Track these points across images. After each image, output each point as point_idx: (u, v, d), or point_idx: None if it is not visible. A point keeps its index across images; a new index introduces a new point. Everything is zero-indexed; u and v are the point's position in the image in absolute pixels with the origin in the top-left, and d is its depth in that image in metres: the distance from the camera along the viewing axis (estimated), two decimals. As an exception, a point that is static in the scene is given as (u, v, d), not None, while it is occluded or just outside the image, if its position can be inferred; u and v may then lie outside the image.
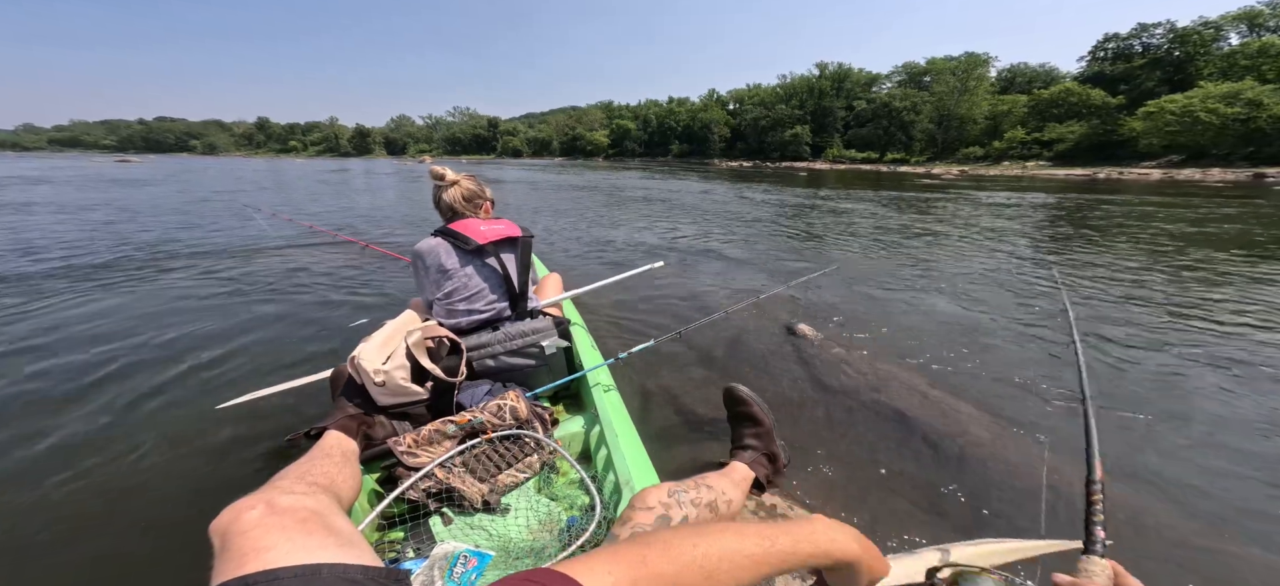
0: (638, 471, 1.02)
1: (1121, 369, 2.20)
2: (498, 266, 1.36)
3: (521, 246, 1.41)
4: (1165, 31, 39.90)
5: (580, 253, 5.24)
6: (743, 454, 1.22)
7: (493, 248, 1.36)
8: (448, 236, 1.36)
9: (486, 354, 1.27)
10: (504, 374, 1.30)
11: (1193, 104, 29.18)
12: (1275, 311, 3.05)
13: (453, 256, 1.34)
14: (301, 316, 2.87)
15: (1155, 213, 8.57)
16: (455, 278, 1.32)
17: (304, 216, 7.31)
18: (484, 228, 1.37)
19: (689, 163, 55.61)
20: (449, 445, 1.06)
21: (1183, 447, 1.61)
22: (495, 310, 1.34)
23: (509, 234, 1.39)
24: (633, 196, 11.85)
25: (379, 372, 1.07)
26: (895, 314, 2.99)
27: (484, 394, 1.22)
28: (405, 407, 1.14)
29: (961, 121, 47.39)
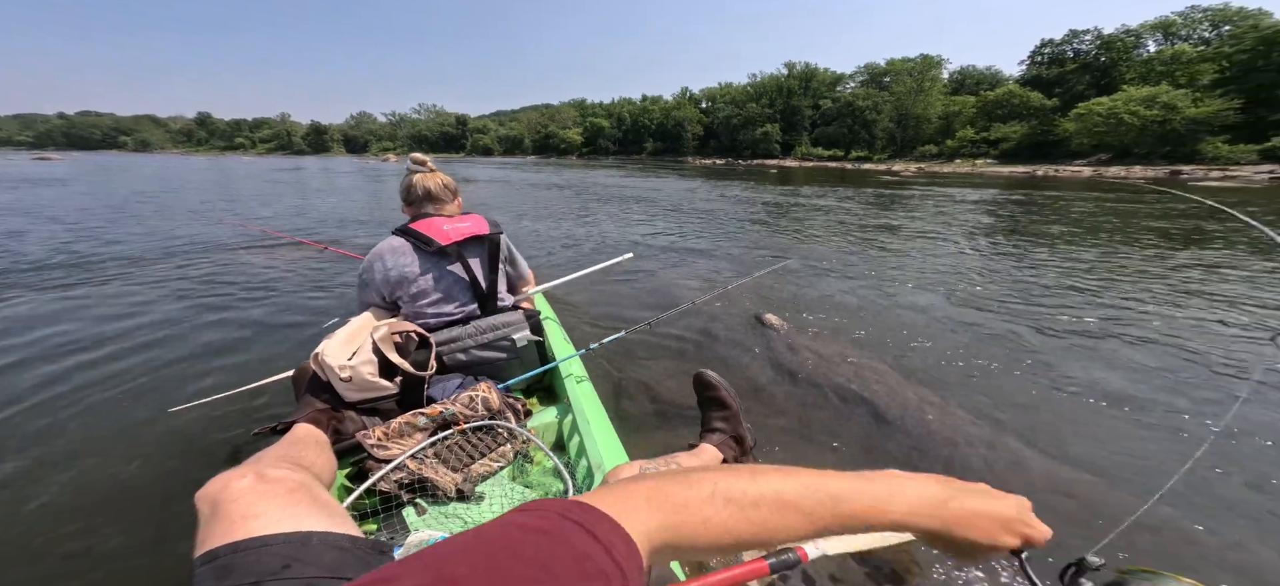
0: (609, 456, 1.05)
1: (1051, 335, 2.45)
2: (463, 271, 1.32)
3: (489, 245, 1.38)
4: (1093, 38, 43.70)
5: (553, 248, 5.23)
6: (711, 436, 1.27)
7: (456, 249, 1.32)
8: (409, 237, 1.31)
9: (457, 348, 1.27)
10: (475, 367, 1.30)
11: (1117, 106, 32.17)
12: (1154, 283, 3.47)
13: (415, 259, 1.30)
14: (254, 319, 2.75)
15: (1086, 206, 9.44)
16: (418, 281, 1.29)
17: (255, 220, 6.88)
18: (448, 227, 1.32)
19: (663, 161, 56.02)
20: (420, 437, 1.07)
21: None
22: (464, 313, 1.33)
23: (475, 232, 1.35)
24: (606, 194, 11.84)
25: (345, 369, 1.06)
26: (855, 304, 3.17)
27: (455, 387, 1.22)
28: (374, 403, 1.13)
29: (918, 121, 50.14)
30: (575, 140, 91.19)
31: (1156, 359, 2.27)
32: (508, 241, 1.47)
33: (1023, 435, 1.64)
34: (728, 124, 67.83)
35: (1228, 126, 29.26)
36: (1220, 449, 1.53)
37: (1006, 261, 4.43)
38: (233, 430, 1.57)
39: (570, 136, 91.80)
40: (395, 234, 1.33)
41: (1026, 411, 1.81)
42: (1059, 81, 43.27)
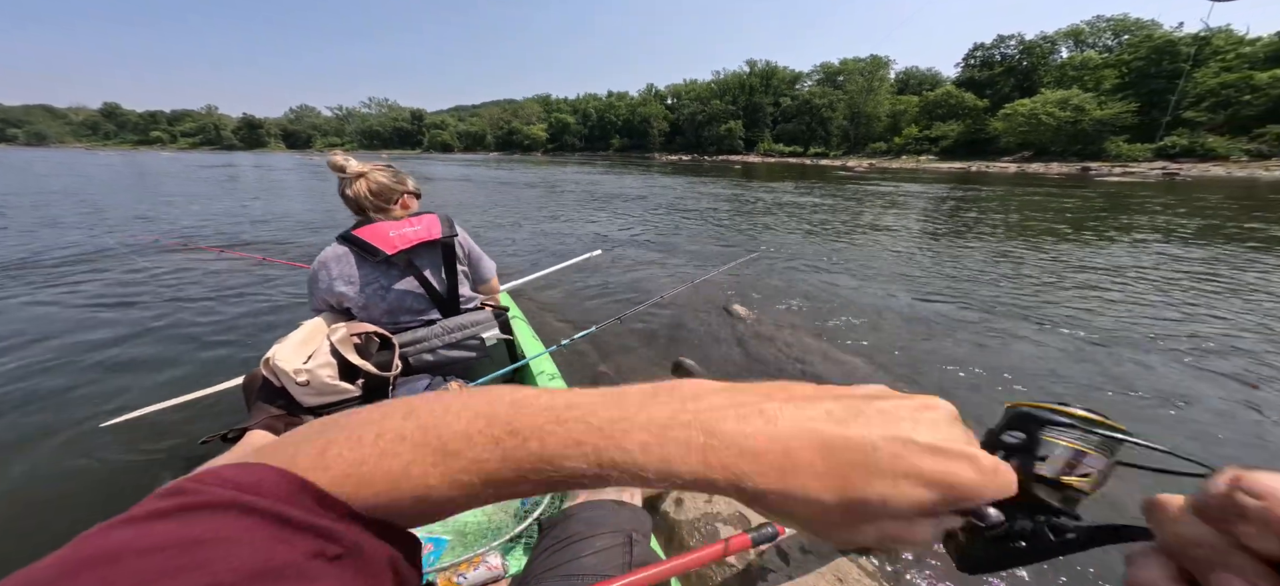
0: None
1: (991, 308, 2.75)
2: (414, 279, 1.23)
3: (444, 250, 1.28)
4: (1016, 43, 48.16)
5: (521, 246, 5.15)
6: None
7: (405, 257, 1.21)
8: (353, 244, 1.19)
9: (423, 348, 1.23)
10: (444, 367, 1.27)
11: (1036, 108, 35.73)
12: (1067, 271, 3.96)
13: (357, 270, 1.20)
14: (186, 332, 2.52)
15: (1012, 201, 10.45)
16: (364, 292, 1.20)
17: (178, 224, 6.23)
18: (394, 233, 1.21)
19: (630, 157, 56.05)
20: None
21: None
22: (420, 321, 1.26)
23: (427, 236, 1.24)
24: (574, 191, 11.73)
25: (301, 373, 1.01)
26: (816, 292, 3.37)
27: (423, 388, 1.20)
28: (334, 407, 1.09)
29: (869, 119, 53.27)
30: (540, 136, 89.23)
31: (1075, 344, 2.59)
32: (466, 241, 1.39)
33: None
34: (693, 120, 68.99)
35: (1127, 127, 33.33)
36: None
37: (945, 252, 4.86)
38: (174, 441, 1.45)
39: (535, 132, 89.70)
40: (339, 240, 1.22)
41: (966, 386, 2.03)
42: (989, 83, 47.39)
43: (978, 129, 42.03)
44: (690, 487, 0.20)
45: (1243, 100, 29.79)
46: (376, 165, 1.28)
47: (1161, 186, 15.19)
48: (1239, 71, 31.32)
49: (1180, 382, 2.02)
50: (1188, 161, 28.03)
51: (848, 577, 0.99)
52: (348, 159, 1.25)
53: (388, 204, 1.27)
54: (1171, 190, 13.22)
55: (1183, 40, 35.24)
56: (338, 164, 1.25)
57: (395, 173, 1.32)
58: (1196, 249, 4.77)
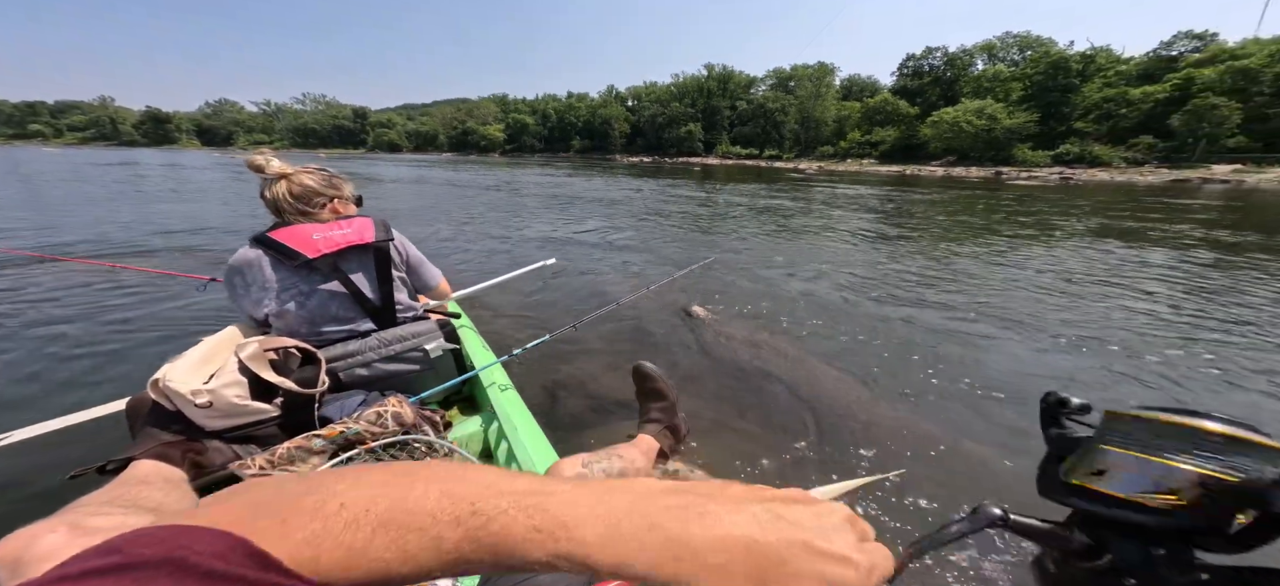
0: (542, 459, 1.05)
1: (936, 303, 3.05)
2: (339, 285, 1.15)
3: (377, 255, 1.19)
4: (941, 55, 53.20)
5: (474, 251, 5.02)
6: (649, 427, 1.30)
7: (329, 261, 1.12)
8: (269, 247, 1.09)
9: (356, 362, 1.15)
10: (381, 382, 1.19)
11: (958, 116, 39.70)
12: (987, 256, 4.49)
13: (273, 275, 1.10)
14: (59, 350, 2.24)
15: (941, 201, 11.56)
16: (281, 300, 1.10)
17: (52, 235, 5.41)
18: (319, 235, 1.11)
19: (591, 158, 55.60)
20: (318, 461, 0.97)
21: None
22: (347, 331, 1.17)
23: (357, 240, 1.15)
24: (535, 193, 11.50)
25: (201, 393, 0.92)
26: (773, 291, 3.56)
27: (357, 404, 1.12)
28: (248, 429, 1.00)
29: (818, 123, 56.62)
30: (497, 137, 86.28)
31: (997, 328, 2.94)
32: (404, 246, 1.29)
33: (901, 397, 2.02)
34: (653, 122, 69.86)
35: (1031, 135, 37.91)
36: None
37: (889, 251, 5.30)
38: (37, 476, 1.30)
39: (492, 133, 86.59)
40: (253, 243, 1.11)
41: (903, 380, 2.25)
42: (919, 92, 51.97)
43: (911, 135, 45.98)
44: (635, 580, 0.22)
45: (1120, 113, 34.94)
46: (307, 168, 1.19)
47: (1059, 189, 17.48)
48: (1117, 87, 36.70)
49: (1076, 361, 2.36)
50: (1080, 167, 32.39)
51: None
52: (269, 158, 1.15)
53: (312, 209, 1.18)
54: (1067, 192, 15.28)
55: (1073, 58, 40.61)
56: (256, 164, 1.15)
57: (329, 176, 1.22)
58: (1088, 247, 5.56)
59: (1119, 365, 2.34)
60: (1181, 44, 38.86)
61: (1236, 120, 29.38)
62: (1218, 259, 4.87)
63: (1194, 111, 30.34)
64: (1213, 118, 29.69)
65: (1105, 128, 35.88)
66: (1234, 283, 3.95)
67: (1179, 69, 35.07)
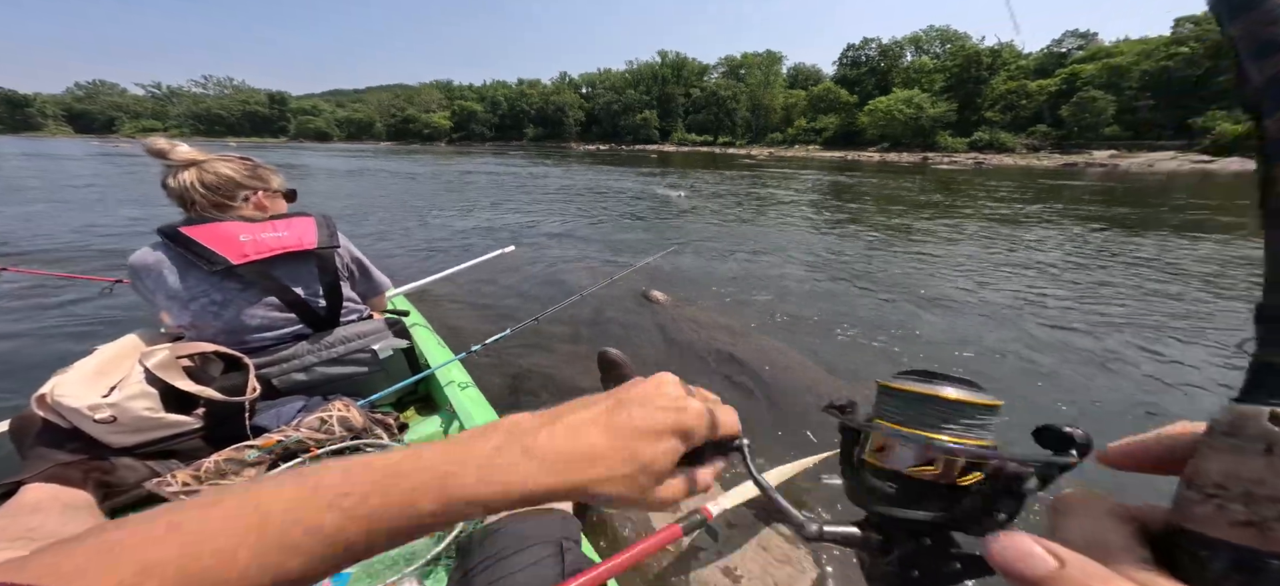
0: None
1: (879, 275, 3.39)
2: (274, 301, 1.04)
3: (321, 264, 1.10)
4: (876, 46, 57.01)
5: (423, 243, 4.82)
6: None
7: (259, 269, 1.00)
8: (179, 245, 0.96)
9: (294, 367, 1.07)
10: (324, 386, 1.11)
11: (891, 105, 43.00)
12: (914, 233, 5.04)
13: (182, 281, 0.97)
14: None
15: (877, 185, 12.56)
16: (192, 309, 0.99)
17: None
18: (246, 237, 0.99)
19: (545, 147, 53.78)
20: (255, 473, 0.93)
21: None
22: (277, 338, 1.07)
23: (296, 246, 1.05)
24: (485, 183, 11.05)
25: (101, 407, 0.84)
26: (729, 274, 3.74)
27: (297, 411, 1.05)
28: (166, 444, 0.94)
29: (767, 111, 58.81)
30: (442, 125, 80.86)
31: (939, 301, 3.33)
32: (350, 253, 1.19)
33: (849, 370, 2.28)
34: (609, 110, 68.88)
35: (950, 124, 41.97)
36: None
37: (834, 231, 5.75)
38: None
39: (437, 121, 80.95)
40: (162, 239, 0.97)
41: (852, 343, 2.52)
42: (857, 81, 55.49)
43: (850, 122, 49.13)
44: (529, 502, 0.24)
45: (1022, 104, 39.59)
46: (225, 156, 1.06)
47: (974, 172, 19.62)
48: (1018, 80, 41.44)
49: (982, 329, 2.76)
50: (991, 152, 36.42)
51: (770, 545, 1.11)
52: (175, 143, 1.02)
53: (229, 202, 1.03)
54: (981, 175, 17.19)
55: (984, 52, 45.19)
56: (158, 147, 1.01)
57: (254, 166, 1.10)
58: (997, 225, 6.38)
59: (1032, 328, 2.78)
60: (1069, 41, 44.58)
61: (1111, 112, 34.34)
62: (1098, 231, 5.82)
63: (1078, 103, 35.07)
64: (1093, 109, 34.50)
65: (1009, 117, 40.52)
66: (1109, 250, 4.75)
67: (1067, 65, 40.23)
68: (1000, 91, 41.80)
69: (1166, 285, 3.58)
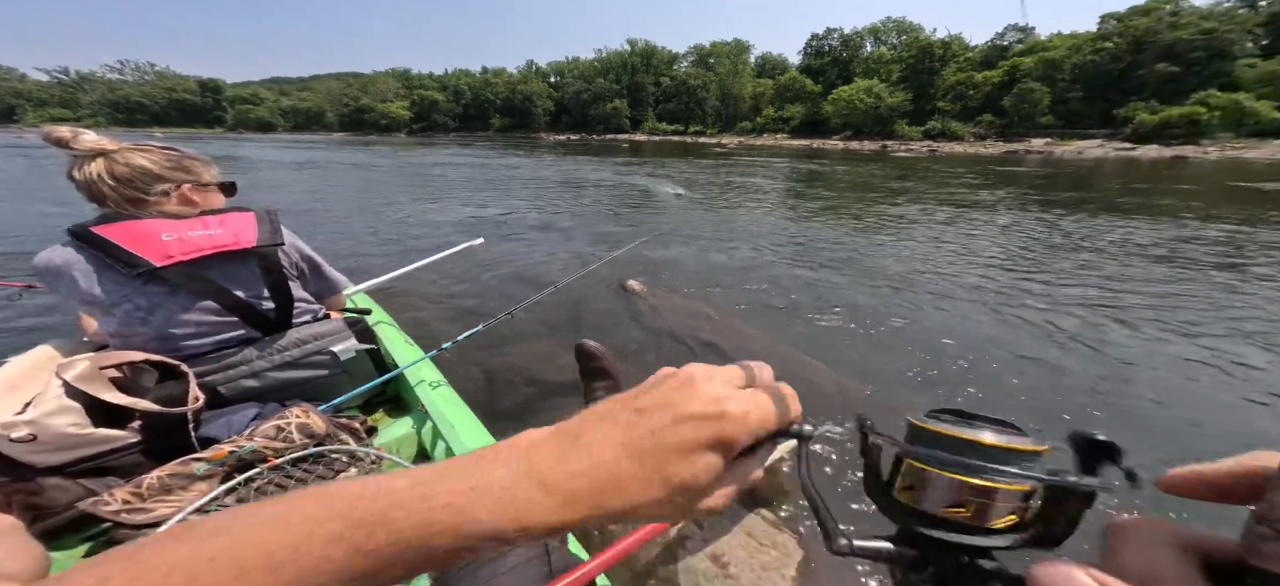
0: None
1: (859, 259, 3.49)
2: (211, 305, 0.95)
3: (263, 263, 1.01)
4: (838, 37, 58.64)
5: (386, 237, 4.60)
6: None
7: (187, 272, 0.92)
8: (91, 246, 0.87)
9: (243, 373, 1.01)
10: (279, 392, 1.06)
11: (853, 95, 44.55)
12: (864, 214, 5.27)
13: (99, 286, 0.89)
14: None
15: (841, 172, 13.03)
16: (115, 315, 0.91)
17: None
18: (170, 235, 0.90)
19: (513, 137, 52.12)
20: (206, 486, 0.88)
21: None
22: (218, 342, 1.00)
23: (232, 245, 0.96)
24: (451, 174, 10.60)
25: (16, 426, 0.79)
26: (706, 262, 3.78)
27: (250, 419, 1.00)
28: (100, 461, 0.87)
29: (736, 100, 59.52)
30: (402, 115, 76.58)
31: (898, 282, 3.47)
32: (299, 250, 1.11)
33: (824, 353, 2.32)
34: (578, 99, 67.56)
35: (907, 113, 44.03)
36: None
37: (805, 218, 5.92)
38: None
39: (396, 111, 76.52)
40: (72, 239, 0.88)
41: (830, 329, 2.59)
42: (821, 71, 57.02)
43: (815, 111, 50.55)
44: (553, 536, 0.21)
45: (970, 94, 42.04)
46: (141, 145, 0.96)
47: (929, 159, 20.76)
48: (966, 72, 43.93)
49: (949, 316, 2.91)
50: (943, 140, 38.54)
51: (755, 530, 1.11)
52: (78, 131, 0.91)
53: (144, 196, 0.94)
54: (936, 162, 18.19)
55: (936, 44, 47.50)
56: (59, 136, 0.90)
57: (179, 157, 0.99)
58: (964, 210, 6.76)
59: (1015, 312, 2.95)
60: (1011, 35, 47.61)
61: (1047, 102, 37.08)
62: (1038, 214, 6.32)
63: (1018, 94, 37.64)
64: (1031, 100, 37.12)
65: (959, 106, 42.98)
66: (1048, 229, 5.16)
67: (1008, 57, 42.97)
68: (950, 82, 44.16)
69: (1124, 265, 3.88)
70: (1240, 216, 5.76)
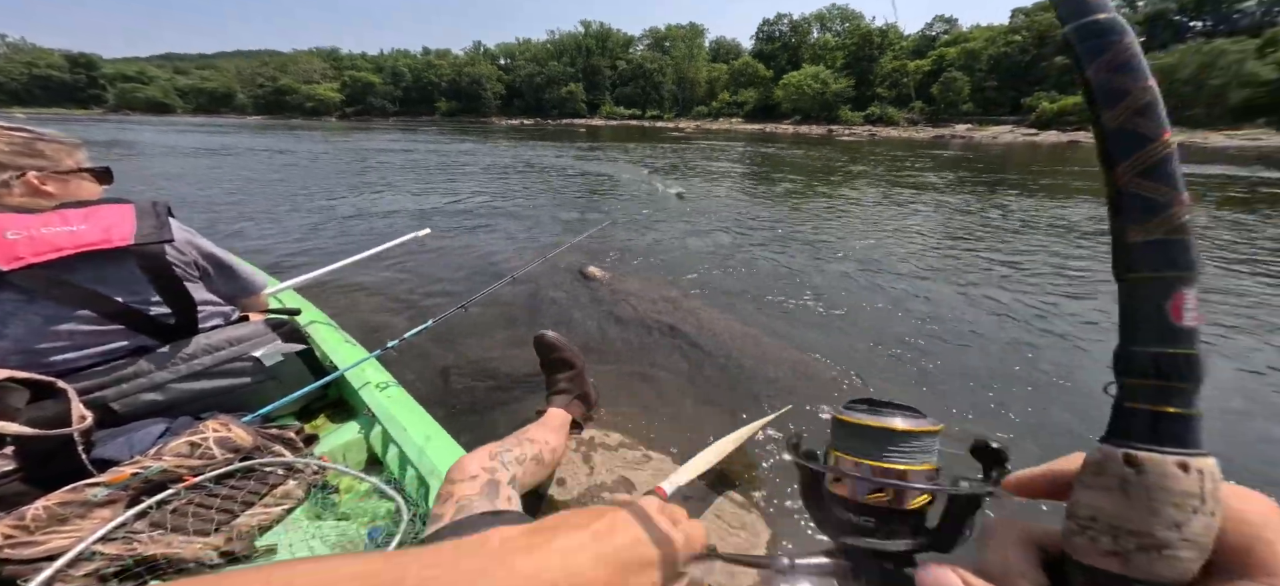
0: (440, 456, 0.95)
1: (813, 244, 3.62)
2: (86, 306, 0.86)
3: (145, 263, 0.89)
4: (788, 23, 60.34)
5: (315, 231, 4.19)
6: (557, 398, 1.28)
7: (45, 277, 0.82)
8: None
9: (141, 387, 0.91)
10: (191, 404, 0.96)
11: (801, 80, 46.28)
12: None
13: None
14: None
15: (793, 155, 13.55)
16: None
17: None
18: (17, 234, 0.81)
19: (461, 122, 48.99)
20: (110, 513, 0.79)
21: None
22: (104, 353, 0.89)
23: (102, 243, 0.85)
24: (395, 162, 9.76)
25: None
26: (665, 246, 3.75)
27: (157, 436, 0.91)
28: None
29: (692, 84, 59.81)
30: (331, 97, 69.25)
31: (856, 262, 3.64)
32: (198, 247, 1.00)
33: (781, 333, 2.38)
34: (531, 83, 64.70)
35: (850, 98, 46.53)
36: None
37: (762, 200, 6.06)
38: None
39: (324, 93, 68.98)
40: None
41: (785, 315, 2.65)
42: (772, 56, 58.58)
43: (767, 96, 52.05)
44: None
45: (903, 81, 45.12)
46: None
47: (871, 143, 22.16)
48: (901, 60, 47.05)
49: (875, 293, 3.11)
50: (882, 125, 41.23)
51: (724, 512, 1.13)
52: None
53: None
54: (876, 145, 19.44)
55: (875, 32, 50.30)
56: None
57: (26, 139, 0.86)
58: (909, 191, 7.26)
59: (957, 290, 3.17)
60: (939, 26, 51.42)
61: (967, 90, 40.64)
62: (965, 194, 6.97)
63: (944, 83, 40.93)
64: (954, 88, 40.52)
65: (894, 93, 46.09)
66: (970, 204, 5.68)
67: (935, 47, 46.51)
68: (887, 70, 47.11)
69: (1025, 235, 4.34)
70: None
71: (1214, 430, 1.76)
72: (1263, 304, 2.69)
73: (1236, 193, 6.96)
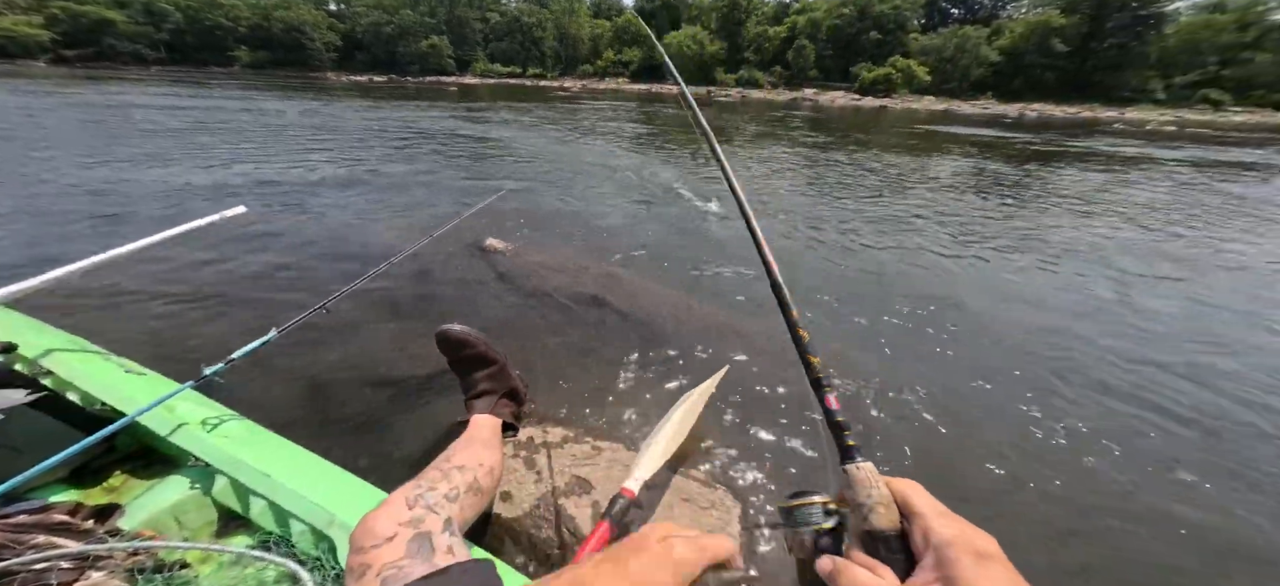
0: (339, 495, 0.77)
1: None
2: None
3: None
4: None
5: (49, 220, 2.86)
6: (479, 403, 1.07)
7: None
8: None
9: None
10: None
11: (681, 40, 47.44)
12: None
13: None
14: None
15: (677, 116, 13.99)
16: None
17: None
18: None
19: (278, 76, 37.81)
20: None
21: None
22: None
23: None
24: (173, 124, 7.01)
25: None
26: (572, 212, 3.50)
27: None
28: None
29: (575, 40, 56.53)
30: (31, 34, 46.30)
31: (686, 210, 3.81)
32: None
33: (693, 291, 2.37)
34: (379, 34, 53.10)
35: (723, 61, 49.53)
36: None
37: (660, 160, 6.07)
38: None
39: (19, 29, 45.52)
40: None
41: (688, 272, 2.65)
42: (654, 14, 58.33)
43: (652, 56, 52.21)
44: None
45: (765, 46, 49.69)
46: None
47: (742, 104, 24.24)
48: (763, 26, 51.42)
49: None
50: (750, 88, 45.13)
51: (692, 494, 1.06)
52: None
53: None
54: (747, 106, 21.31)
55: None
56: None
57: None
58: (755, 145, 8.00)
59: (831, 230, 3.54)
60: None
61: (813, 57, 46.65)
62: (823, 148, 8.02)
63: (797, 49, 46.30)
64: (804, 55, 46.15)
65: (759, 58, 50.63)
66: (832, 156, 6.59)
67: (789, 16, 51.87)
68: (752, 35, 51.14)
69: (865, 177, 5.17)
70: (920, 149, 8.61)
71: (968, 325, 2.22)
72: (989, 219, 3.78)
73: (973, 148, 9.51)
